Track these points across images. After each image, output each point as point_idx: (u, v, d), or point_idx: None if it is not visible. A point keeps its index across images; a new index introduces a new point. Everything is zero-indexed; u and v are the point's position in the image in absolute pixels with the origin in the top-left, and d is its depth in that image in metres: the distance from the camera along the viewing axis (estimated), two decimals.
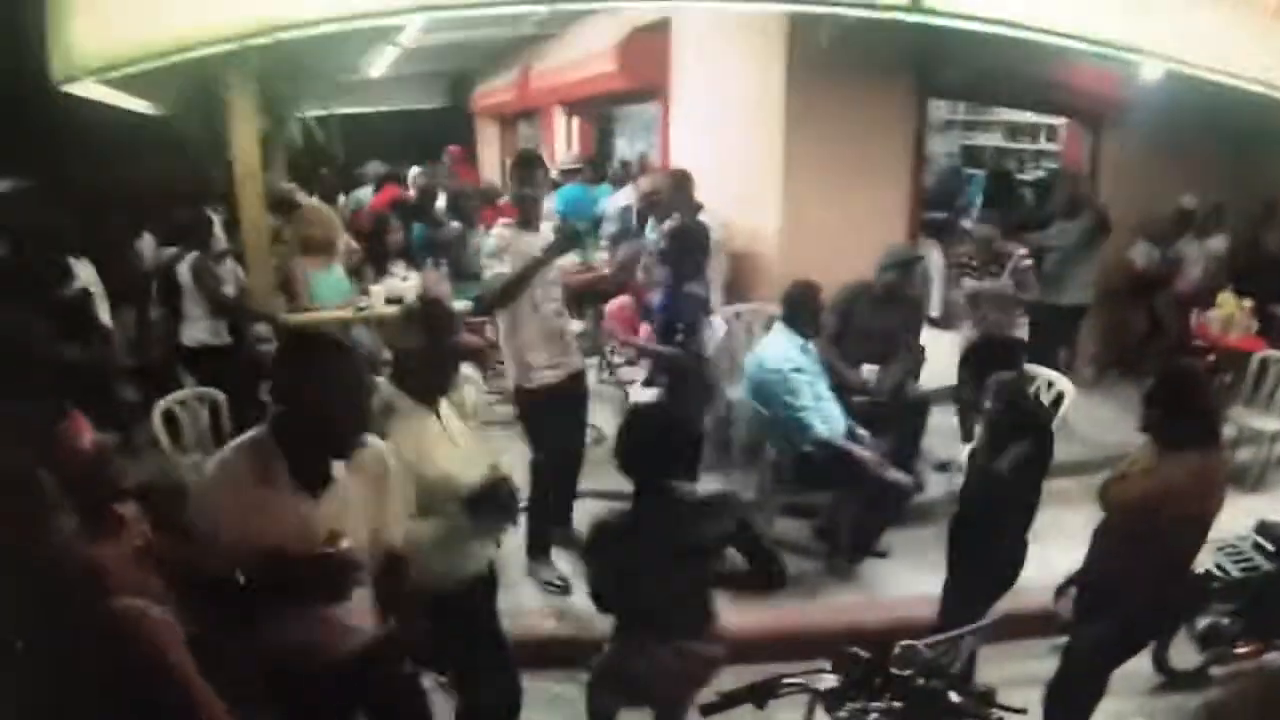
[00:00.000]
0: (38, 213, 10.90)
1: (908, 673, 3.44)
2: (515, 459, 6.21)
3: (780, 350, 7.18)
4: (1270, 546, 6.33)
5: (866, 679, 3.50)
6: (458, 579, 4.58)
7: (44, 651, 3.16)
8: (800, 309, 7.30)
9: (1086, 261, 10.19)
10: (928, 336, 9.10)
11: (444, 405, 4.74)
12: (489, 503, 4.43)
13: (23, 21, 6.64)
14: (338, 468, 3.69)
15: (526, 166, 6.77)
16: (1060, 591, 5.34)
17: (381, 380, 4.66)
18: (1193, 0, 7.53)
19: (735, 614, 6.22)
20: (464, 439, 4.76)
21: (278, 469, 3.57)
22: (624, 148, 15.61)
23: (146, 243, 11.29)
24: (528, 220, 6.67)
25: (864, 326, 7.96)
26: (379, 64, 14.34)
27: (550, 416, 6.85)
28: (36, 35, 6.29)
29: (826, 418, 7.12)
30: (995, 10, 6.49)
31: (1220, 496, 4.84)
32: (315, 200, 11.37)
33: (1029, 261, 9.01)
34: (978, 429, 5.81)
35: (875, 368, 7.88)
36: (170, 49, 5.84)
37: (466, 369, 7.72)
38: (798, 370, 7.09)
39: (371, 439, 3.91)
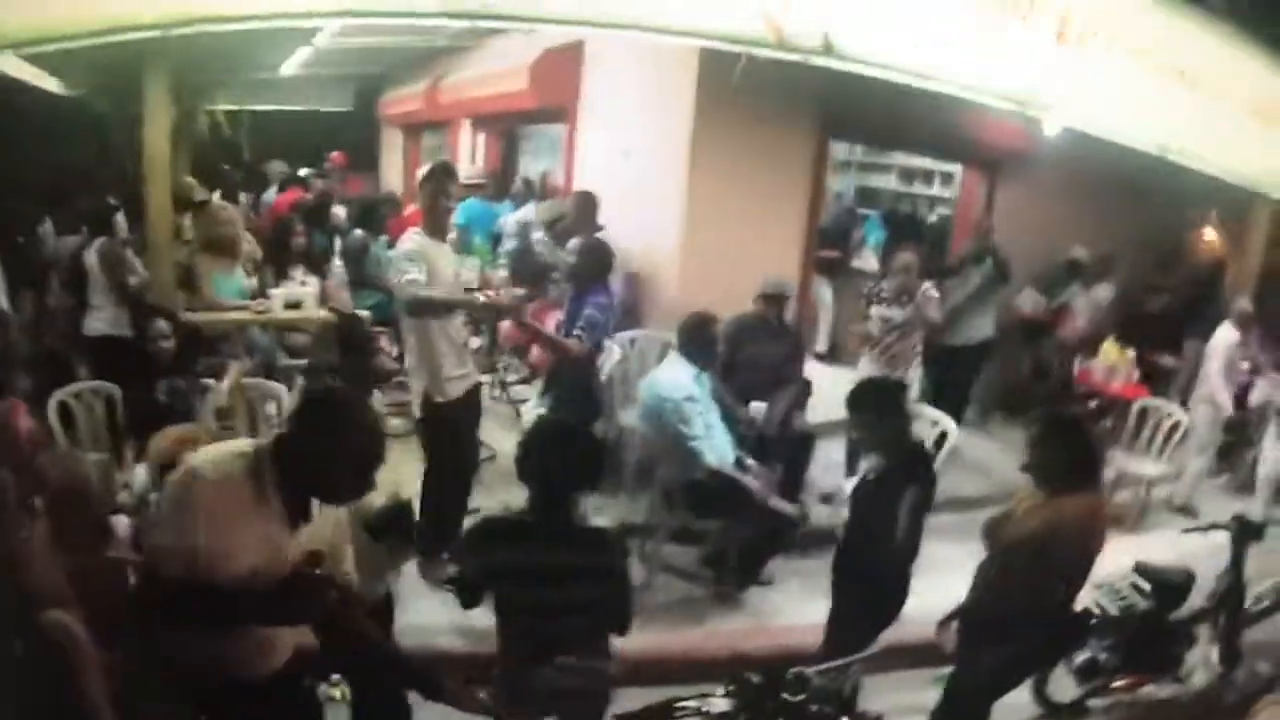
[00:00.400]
0: None
1: (800, 698, 3.55)
2: (409, 473, 6.25)
3: (675, 378, 7.26)
4: (1147, 586, 6.55)
5: (759, 703, 3.61)
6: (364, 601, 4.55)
7: None
8: (696, 339, 7.40)
9: (988, 306, 10.46)
10: (817, 371, 9.28)
11: None
12: (391, 528, 4.47)
13: None
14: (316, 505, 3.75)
15: (442, 178, 6.82)
16: (943, 624, 5.45)
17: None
18: (1097, 61, 7.82)
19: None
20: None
21: (270, 494, 3.59)
22: (528, 165, 15.63)
23: (47, 229, 11.14)
24: (438, 229, 6.78)
25: (749, 357, 8.14)
26: (291, 63, 14.27)
27: (454, 428, 6.94)
28: None
29: (716, 447, 7.23)
30: (904, 60, 6.68)
31: (1100, 538, 4.98)
32: (219, 198, 11.29)
33: (935, 294, 9.24)
34: (863, 464, 5.96)
35: (762, 405, 7.98)
36: (95, 29, 5.82)
37: None
38: (690, 399, 7.17)
39: None
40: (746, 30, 6.06)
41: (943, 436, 8.14)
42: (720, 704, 3.67)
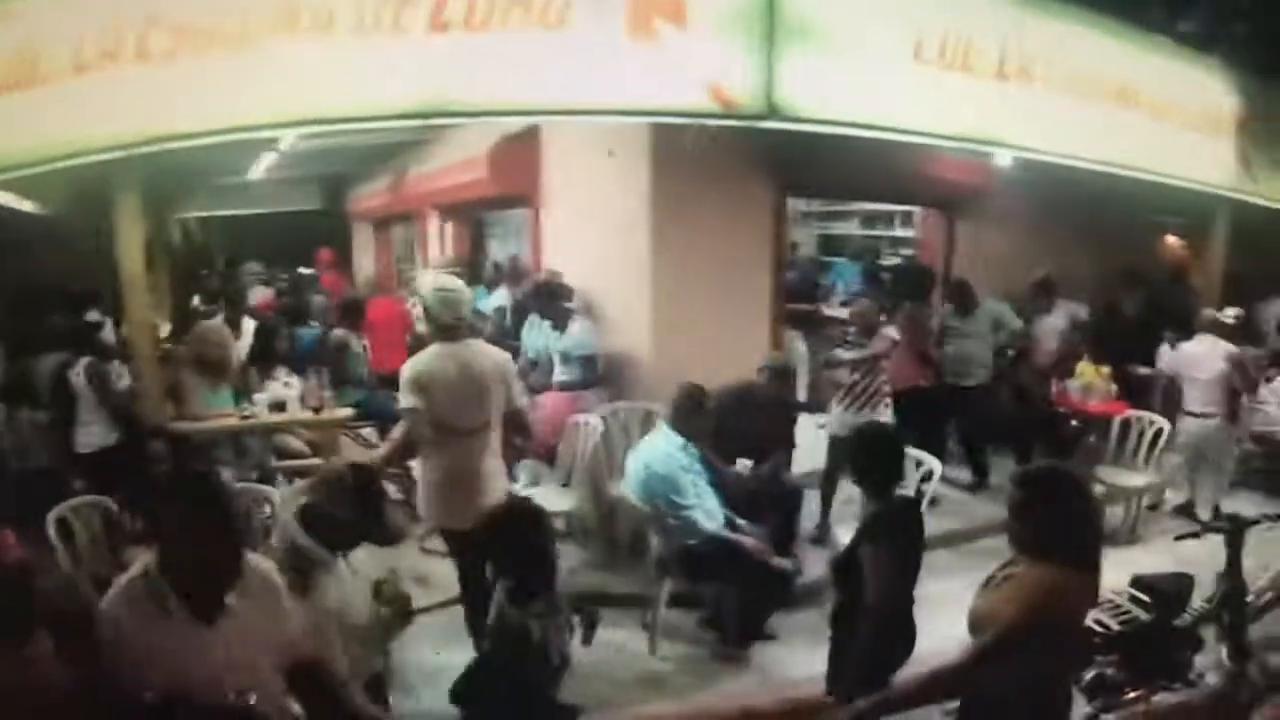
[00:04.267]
0: None
1: None
2: None
3: (664, 450, 7.38)
4: (1146, 598, 6.61)
5: None
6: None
7: None
8: (685, 411, 7.55)
9: (986, 350, 10.90)
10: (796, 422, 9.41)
11: None
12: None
13: None
14: (230, 595, 3.79)
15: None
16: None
17: (289, 521, 4.76)
18: (1038, 92, 8.04)
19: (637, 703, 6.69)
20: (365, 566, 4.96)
21: (171, 601, 3.67)
22: (497, 250, 15.80)
23: None
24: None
25: (741, 425, 8.15)
26: (257, 168, 14.45)
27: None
28: None
29: (710, 512, 7.36)
30: (849, 113, 6.88)
31: (1087, 608, 4.46)
32: (215, 321, 11.38)
33: (893, 334, 9.42)
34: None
35: (748, 462, 8.12)
36: (56, 156, 5.99)
37: None
38: (683, 469, 7.31)
39: (255, 560, 4.05)
40: (693, 103, 6.27)
41: (929, 474, 8.17)
42: None
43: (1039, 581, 4.04)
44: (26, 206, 9.92)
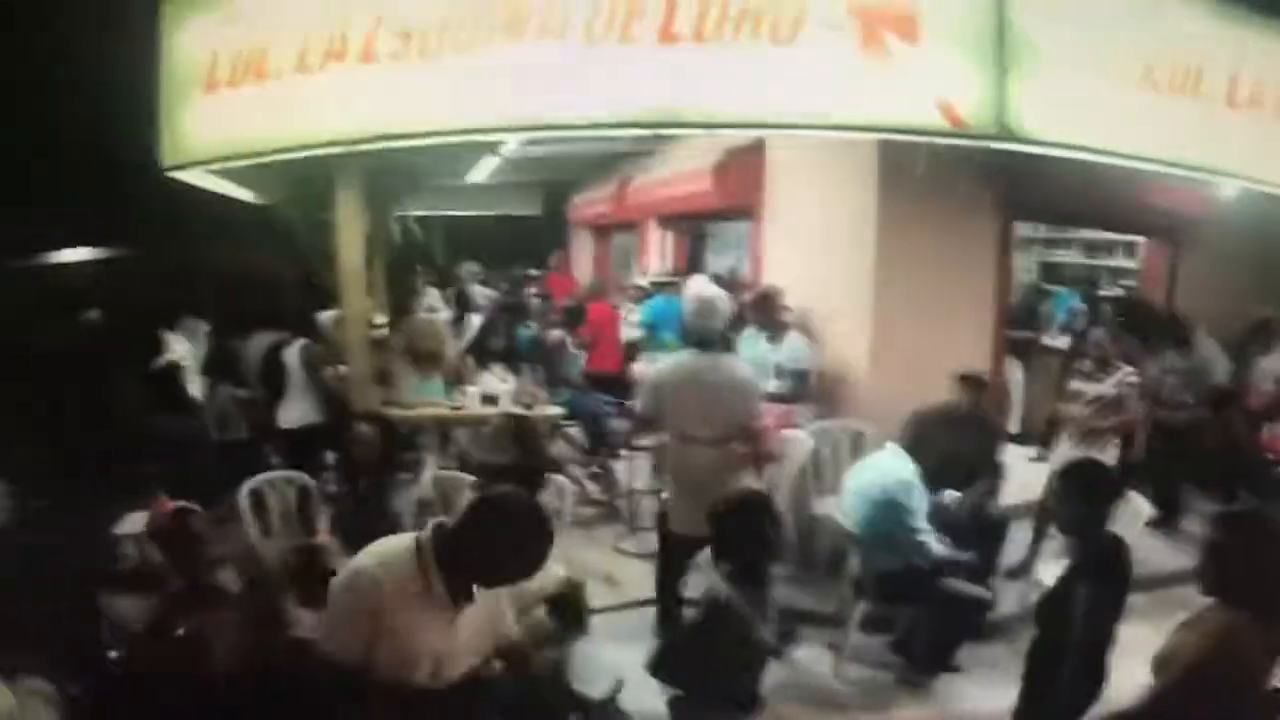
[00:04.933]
0: (135, 284, 11.32)
1: None
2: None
3: (901, 469, 7.29)
4: None
5: None
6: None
7: None
8: (921, 436, 7.56)
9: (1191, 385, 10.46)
10: (1008, 453, 9.23)
11: None
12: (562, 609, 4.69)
13: (135, 98, 6.95)
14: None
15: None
16: None
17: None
18: (1268, 122, 7.78)
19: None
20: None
21: (435, 583, 3.87)
22: (714, 261, 15.87)
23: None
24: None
25: (943, 446, 7.88)
26: (480, 171, 14.74)
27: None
28: (146, 113, 6.67)
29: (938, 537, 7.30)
30: (1079, 136, 6.75)
31: (1272, 661, 4.10)
32: (431, 315, 11.68)
33: (1135, 378, 9.21)
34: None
35: (956, 494, 7.98)
36: (281, 148, 6.21)
37: None
38: (918, 490, 7.25)
39: None
40: (923, 120, 6.22)
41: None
42: None
43: (1224, 627, 3.92)
44: (244, 195, 10.25)
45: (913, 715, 7.09)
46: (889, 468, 7.38)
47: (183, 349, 10.51)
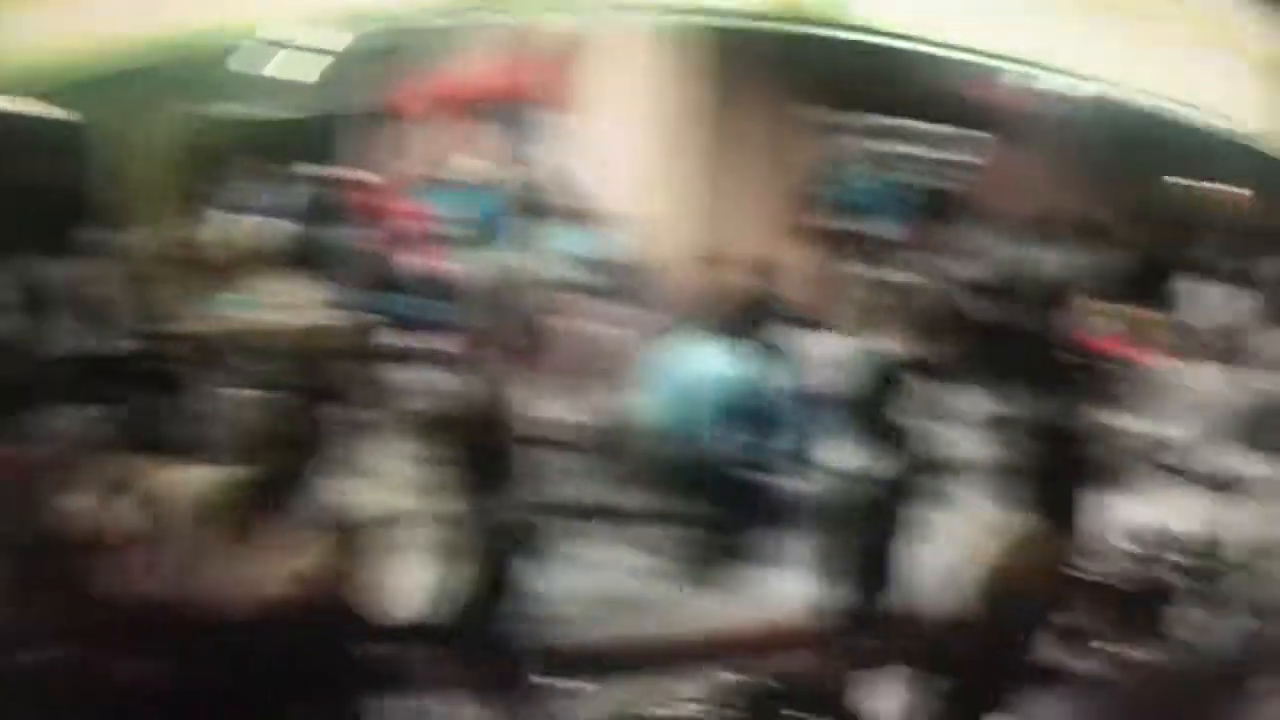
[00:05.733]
0: None
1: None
2: None
3: (715, 361, 7.34)
4: (1131, 549, 6.34)
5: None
6: None
7: None
8: (733, 320, 7.59)
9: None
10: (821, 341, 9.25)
11: None
12: None
13: None
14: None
15: None
16: None
17: None
18: (1100, 23, 7.79)
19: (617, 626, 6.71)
20: None
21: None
22: (531, 154, 15.63)
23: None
24: None
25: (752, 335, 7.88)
26: (298, 69, 14.26)
27: None
28: None
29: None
30: (910, 26, 6.65)
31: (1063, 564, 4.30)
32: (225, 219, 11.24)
33: (945, 268, 9.23)
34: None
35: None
36: (90, 59, 5.83)
37: None
38: (734, 387, 7.26)
39: None
40: (757, 4, 6.04)
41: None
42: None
43: (1023, 536, 4.00)
44: (54, 113, 9.73)
45: (714, 606, 7.11)
46: (708, 359, 7.40)
47: None
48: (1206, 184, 14.90)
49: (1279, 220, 11.90)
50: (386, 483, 7.14)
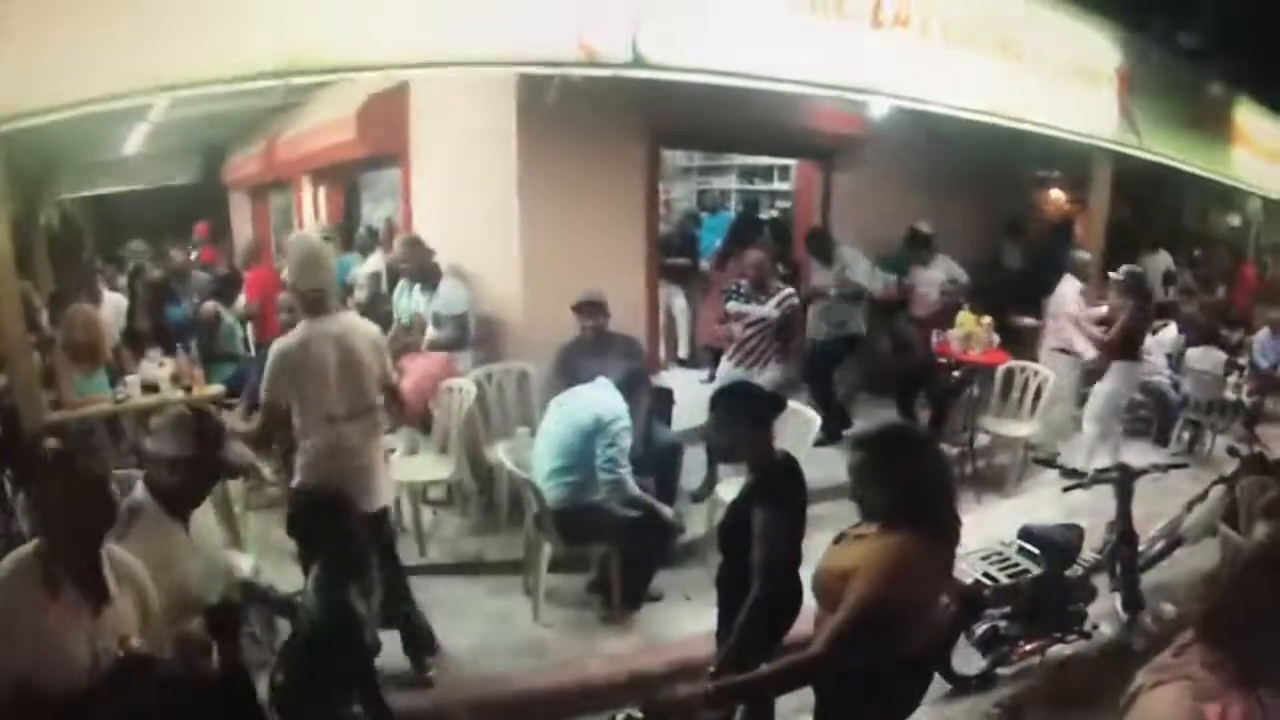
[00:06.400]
0: None
1: None
2: None
3: (613, 403, 7.26)
4: (1034, 549, 6.60)
5: None
6: None
7: None
8: (567, 369, 7.86)
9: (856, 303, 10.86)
10: (681, 377, 9.27)
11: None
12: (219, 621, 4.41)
13: None
14: (112, 583, 3.82)
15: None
16: None
17: (138, 483, 4.62)
18: (914, 42, 7.97)
19: (517, 674, 6.65)
20: (209, 548, 4.86)
21: (65, 585, 3.67)
22: (370, 213, 15.52)
23: None
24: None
25: (587, 376, 7.81)
26: (131, 142, 14.07)
27: None
28: None
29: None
30: (716, 62, 6.75)
31: (942, 578, 4.11)
32: (83, 304, 11.06)
33: (796, 301, 9.38)
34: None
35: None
36: None
37: None
38: (627, 427, 7.21)
39: (120, 552, 4.01)
40: (560, 53, 6.12)
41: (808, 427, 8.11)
42: None
43: (890, 555, 3.75)
44: None
45: (619, 648, 7.09)
46: (599, 399, 7.30)
47: None
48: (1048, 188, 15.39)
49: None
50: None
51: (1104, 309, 10.19)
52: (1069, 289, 10.59)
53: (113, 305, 11.79)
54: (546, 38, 6.08)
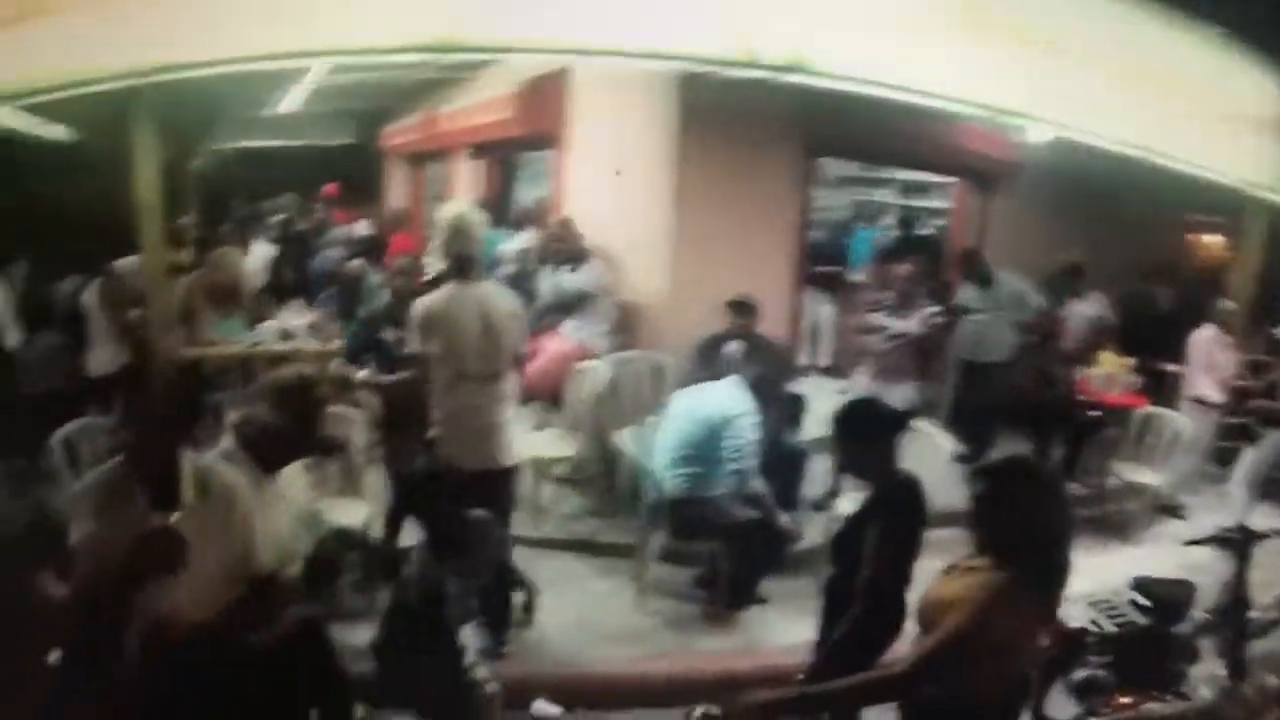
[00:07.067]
0: None
1: None
2: None
3: (739, 399, 7.27)
4: (1145, 602, 6.40)
5: None
6: None
7: None
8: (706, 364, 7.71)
9: (1006, 325, 10.58)
10: (818, 385, 9.22)
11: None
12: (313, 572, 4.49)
13: None
14: (186, 493, 3.93)
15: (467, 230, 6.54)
16: None
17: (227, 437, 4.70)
18: (1072, 70, 7.83)
19: (610, 659, 6.63)
20: (296, 504, 4.95)
21: (135, 490, 3.83)
22: (524, 192, 15.61)
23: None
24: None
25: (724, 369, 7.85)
26: (288, 101, 14.31)
27: None
28: None
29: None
30: (878, 73, 6.70)
31: (1042, 624, 4.09)
32: (228, 249, 11.28)
33: (941, 319, 9.27)
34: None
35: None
36: (70, 82, 5.85)
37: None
38: (754, 423, 7.23)
39: (220, 467, 4.23)
40: (720, 50, 6.11)
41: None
42: None
43: (992, 591, 3.65)
44: (53, 132, 9.78)
45: (716, 647, 7.06)
46: (728, 394, 7.32)
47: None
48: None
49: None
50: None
51: (1240, 358, 9.92)
52: (1204, 336, 10.24)
53: (259, 254, 12.05)
54: (709, 35, 6.07)
